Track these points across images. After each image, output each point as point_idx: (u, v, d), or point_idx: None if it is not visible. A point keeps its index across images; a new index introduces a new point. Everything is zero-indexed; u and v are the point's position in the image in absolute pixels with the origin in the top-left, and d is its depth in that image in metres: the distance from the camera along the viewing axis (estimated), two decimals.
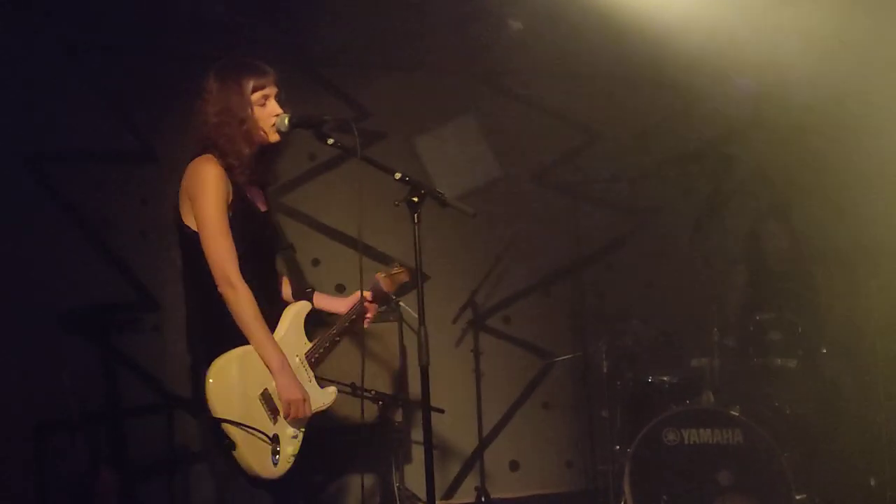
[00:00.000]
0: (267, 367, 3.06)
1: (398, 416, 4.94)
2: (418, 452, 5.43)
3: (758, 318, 4.73)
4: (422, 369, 2.94)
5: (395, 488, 4.95)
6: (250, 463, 2.99)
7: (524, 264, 5.74)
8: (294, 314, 3.26)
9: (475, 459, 5.51)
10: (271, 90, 3.13)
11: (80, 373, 4.45)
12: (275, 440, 3.04)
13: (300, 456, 3.11)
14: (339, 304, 3.42)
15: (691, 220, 5.76)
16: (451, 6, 5.27)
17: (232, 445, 2.94)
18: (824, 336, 4.77)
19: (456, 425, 5.43)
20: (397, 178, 3.00)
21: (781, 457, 4.31)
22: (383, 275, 3.51)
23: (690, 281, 5.43)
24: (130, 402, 4.86)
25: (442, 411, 5.00)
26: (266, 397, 3.08)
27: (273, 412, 3.08)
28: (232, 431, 2.95)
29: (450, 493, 5.52)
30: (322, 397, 3.26)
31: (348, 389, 4.82)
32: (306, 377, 3.22)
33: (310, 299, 3.34)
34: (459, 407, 5.41)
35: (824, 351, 4.72)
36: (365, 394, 4.77)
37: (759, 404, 4.61)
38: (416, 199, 2.99)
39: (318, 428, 3.11)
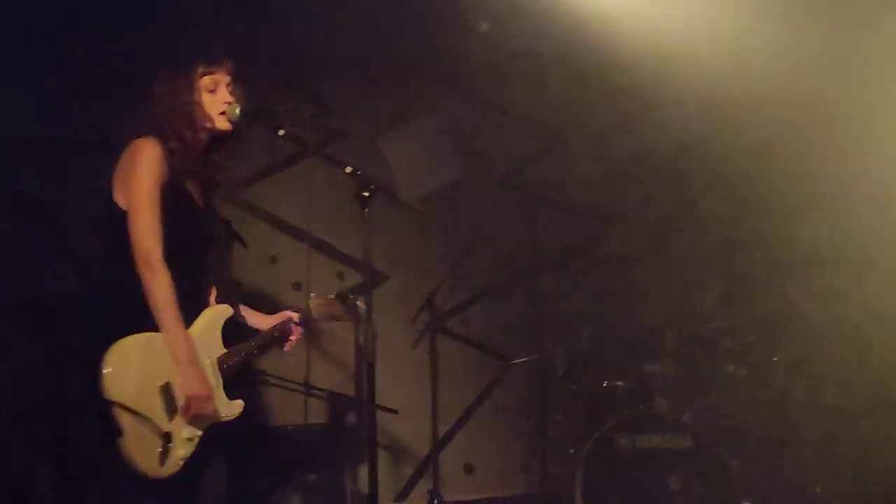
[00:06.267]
0: (173, 356, 2.91)
1: (351, 417, 4.89)
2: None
3: (711, 325, 4.76)
4: (368, 366, 2.90)
5: (348, 491, 4.90)
6: (135, 457, 2.82)
7: (485, 267, 5.70)
8: (213, 315, 3.14)
9: (429, 462, 5.45)
10: (222, 77, 3.09)
11: (24, 367, 4.34)
12: (166, 438, 2.86)
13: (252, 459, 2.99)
14: (263, 321, 3.34)
15: (654, 225, 5.82)
16: (417, 7, 5.24)
17: (118, 432, 2.74)
18: (777, 345, 4.80)
19: (411, 427, 5.37)
20: (348, 171, 2.97)
21: (729, 463, 4.35)
22: (317, 301, 3.37)
23: (651, 287, 5.46)
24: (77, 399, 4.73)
25: (395, 412, 5.01)
26: (166, 390, 2.92)
27: (171, 408, 2.92)
28: (120, 418, 2.76)
29: (402, 495, 5.46)
30: (226, 409, 3.08)
31: (300, 388, 4.86)
32: (214, 383, 3.06)
33: (235, 307, 3.21)
34: (415, 409, 5.34)
35: (775, 359, 4.76)
36: (316, 392, 4.79)
37: (710, 411, 4.66)
38: (366, 195, 2.95)
39: (265, 429, 2.97)
